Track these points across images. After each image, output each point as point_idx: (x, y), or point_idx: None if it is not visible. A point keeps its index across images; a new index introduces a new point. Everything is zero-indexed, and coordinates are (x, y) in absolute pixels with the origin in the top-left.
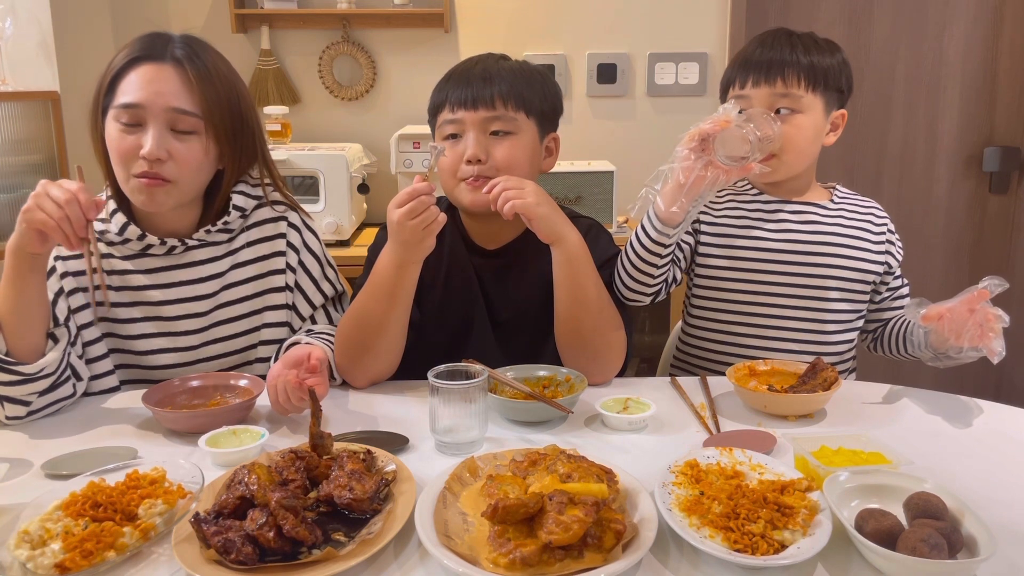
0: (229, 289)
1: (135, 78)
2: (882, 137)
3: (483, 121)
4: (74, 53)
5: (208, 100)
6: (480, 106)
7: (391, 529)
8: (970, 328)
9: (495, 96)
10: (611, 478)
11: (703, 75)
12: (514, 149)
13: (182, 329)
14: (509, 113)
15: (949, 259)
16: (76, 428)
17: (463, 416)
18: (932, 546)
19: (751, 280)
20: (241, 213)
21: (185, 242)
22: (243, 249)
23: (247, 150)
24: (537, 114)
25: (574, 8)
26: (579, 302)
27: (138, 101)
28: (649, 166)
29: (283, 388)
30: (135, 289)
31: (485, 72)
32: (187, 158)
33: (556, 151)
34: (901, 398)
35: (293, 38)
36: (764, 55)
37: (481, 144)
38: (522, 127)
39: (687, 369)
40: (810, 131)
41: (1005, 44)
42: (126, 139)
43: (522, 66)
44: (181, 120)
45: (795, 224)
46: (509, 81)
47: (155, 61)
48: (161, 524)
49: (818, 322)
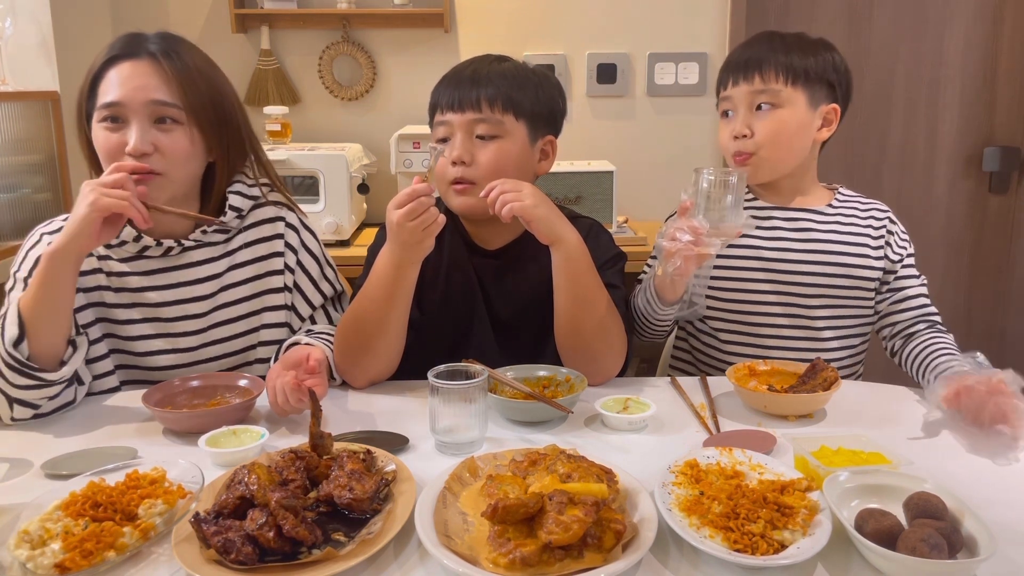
0: (227, 290)
1: (114, 77)
2: (882, 137)
3: (468, 123)
4: (74, 53)
5: (187, 91)
6: (466, 108)
7: (391, 529)
8: (990, 409)
9: (481, 98)
10: (611, 478)
11: (703, 75)
12: (499, 153)
13: (181, 330)
14: (495, 116)
15: (949, 259)
16: (76, 428)
17: (463, 416)
18: (932, 546)
19: (744, 289)
20: (238, 213)
21: (182, 243)
22: (240, 250)
23: (235, 143)
24: (528, 116)
25: (574, 8)
26: (578, 303)
27: (118, 99)
28: (649, 166)
29: (282, 389)
30: (134, 291)
31: (475, 74)
32: (173, 148)
33: (552, 154)
34: (901, 398)
35: (293, 38)
36: (744, 54)
37: (465, 147)
38: (510, 130)
39: (687, 369)
40: (792, 126)
41: (1005, 44)
42: (111, 138)
43: (517, 68)
44: (162, 111)
45: (788, 232)
46: (498, 83)
47: (131, 58)
48: (161, 524)
49: (811, 329)
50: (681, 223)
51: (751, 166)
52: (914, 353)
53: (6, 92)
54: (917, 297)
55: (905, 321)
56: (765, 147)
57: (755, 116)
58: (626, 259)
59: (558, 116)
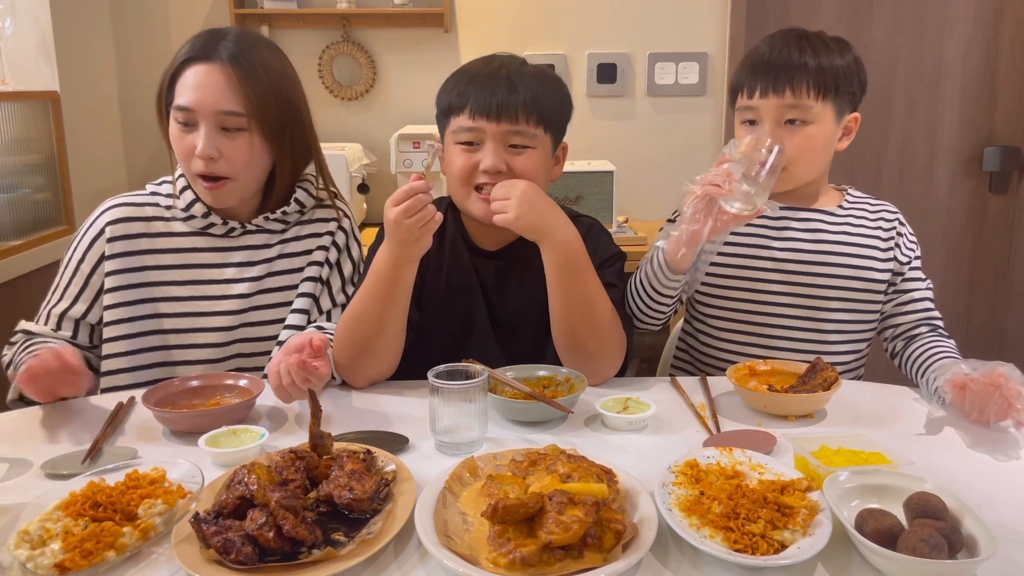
0: (273, 276)
1: (188, 79)
2: (882, 137)
3: (504, 134)
4: (74, 53)
5: (254, 97)
6: (504, 118)
7: (391, 529)
8: (997, 402)
9: (519, 109)
10: (611, 478)
11: (703, 75)
12: (531, 162)
13: (224, 309)
14: (531, 129)
15: (949, 259)
16: (76, 428)
17: (463, 416)
18: (932, 546)
19: (754, 289)
20: (300, 207)
21: (244, 226)
22: (293, 241)
23: (298, 144)
24: (554, 128)
25: (574, 8)
26: (572, 302)
27: (189, 104)
28: (649, 166)
29: (286, 370)
30: (190, 266)
31: (510, 81)
32: (236, 155)
33: (563, 159)
34: (901, 398)
35: (293, 38)
36: (772, 59)
37: (500, 156)
38: (540, 141)
39: (687, 369)
40: (820, 141)
41: (1005, 44)
42: (184, 139)
43: (542, 74)
44: (228, 120)
45: (800, 234)
46: (533, 91)
47: (205, 61)
48: (161, 524)
49: (819, 332)
50: (714, 170)
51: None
52: (915, 355)
53: (6, 92)
54: (922, 300)
55: (908, 323)
56: (794, 163)
57: (784, 130)
58: (625, 259)
59: (568, 122)
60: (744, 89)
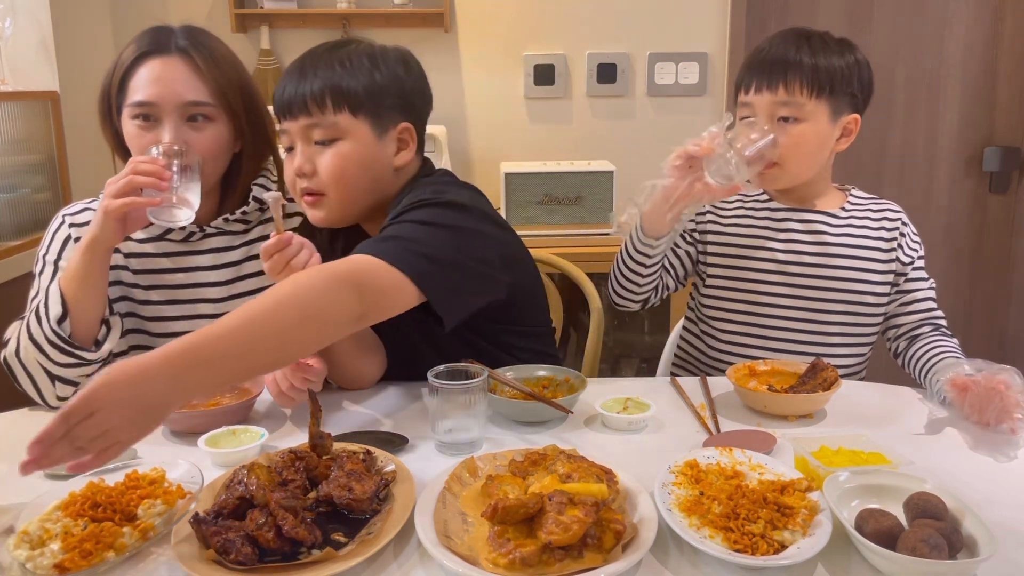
0: (244, 280)
1: (145, 74)
2: (882, 137)
3: (303, 130)
4: (74, 53)
5: (219, 84)
6: (298, 113)
7: (391, 529)
8: (996, 406)
9: (306, 99)
10: (611, 478)
11: (703, 75)
12: (338, 158)
13: (198, 313)
14: (328, 117)
15: (949, 259)
16: None
17: (463, 416)
18: (932, 546)
19: (755, 291)
20: (260, 205)
21: (203, 229)
22: (258, 242)
23: (260, 132)
24: (369, 109)
25: (574, 8)
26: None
27: (150, 99)
28: (649, 166)
29: (282, 376)
30: (154, 272)
31: (301, 70)
32: (204, 147)
33: (412, 143)
34: (902, 398)
35: (293, 38)
36: (768, 56)
37: (306, 155)
38: (348, 130)
39: (687, 369)
40: (813, 140)
41: (1005, 44)
42: (145, 136)
43: (348, 53)
44: (195, 110)
45: (802, 236)
46: (323, 77)
47: (161, 55)
48: (160, 524)
49: (821, 335)
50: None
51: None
52: (918, 355)
53: (6, 92)
54: (925, 300)
55: (911, 323)
56: (786, 161)
57: (776, 127)
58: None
59: (412, 98)
60: (743, 85)
